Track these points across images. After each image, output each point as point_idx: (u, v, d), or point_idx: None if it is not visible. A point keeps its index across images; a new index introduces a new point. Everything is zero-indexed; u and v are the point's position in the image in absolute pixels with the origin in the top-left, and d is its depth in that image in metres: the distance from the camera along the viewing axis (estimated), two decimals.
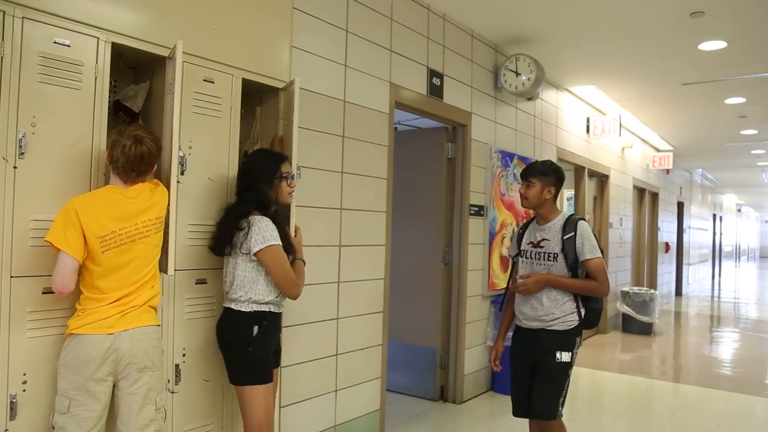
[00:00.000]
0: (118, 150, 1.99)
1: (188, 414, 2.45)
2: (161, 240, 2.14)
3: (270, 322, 2.36)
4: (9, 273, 1.90)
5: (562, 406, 2.70)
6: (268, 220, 2.33)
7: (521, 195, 2.79)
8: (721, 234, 20.31)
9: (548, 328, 2.68)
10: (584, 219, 2.76)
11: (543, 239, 2.74)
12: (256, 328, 2.30)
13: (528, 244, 2.81)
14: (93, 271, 1.96)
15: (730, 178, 15.71)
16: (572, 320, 2.68)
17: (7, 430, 1.90)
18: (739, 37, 4.52)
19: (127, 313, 2.00)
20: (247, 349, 2.30)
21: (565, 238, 2.67)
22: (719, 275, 19.57)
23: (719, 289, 15.62)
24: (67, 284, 1.90)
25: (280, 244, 2.32)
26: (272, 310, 2.37)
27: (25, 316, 1.94)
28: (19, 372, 1.93)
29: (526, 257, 2.80)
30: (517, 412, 2.83)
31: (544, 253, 2.72)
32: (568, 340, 2.67)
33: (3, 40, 1.87)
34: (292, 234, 2.60)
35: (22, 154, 1.91)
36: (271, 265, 2.30)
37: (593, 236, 2.71)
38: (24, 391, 1.94)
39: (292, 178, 2.50)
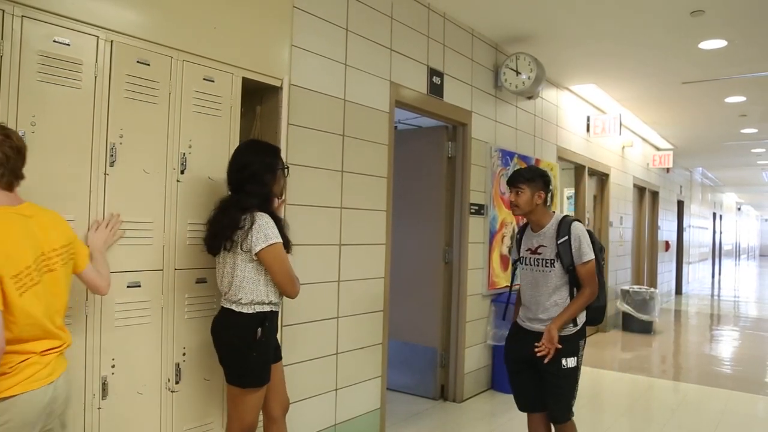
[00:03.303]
0: None
1: (188, 413, 2.45)
2: (66, 276, 1.76)
3: (271, 322, 2.32)
4: None
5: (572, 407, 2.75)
6: (269, 217, 2.25)
7: (511, 203, 2.78)
8: (721, 233, 20.30)
9: None
10: (578, 220, 2.75)
11: (540, 245, 2.74)
12: (259, 331, 2.24)
13: (526, 250, 2.81)
14: (13, 323, 1.56)
15: (730, 177, 15.71)
16: (570, 326, 2.69)
17: None
18: (740, 36, 4.52)
19: (60, 355, 1.72)
20: (251, 353, 2.23)
21: (559, 242, 2.67)
22: (719, 274, 19.57)
23: (719, 288, 15.62)
24: None
25: (282, 242, 2.26)
26: (273, 310, 2.33)
27: None
28: None
29: (525, 264, 2.81)
30: (522, 407, 2.86)
31: (542, 259, 2.73)
32: (572, 345, 2.68)
33: (2, 38, 1.86)
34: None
35: None
36: (272, 264, 2.23)
37: (588, 236, 2.70)
38: None
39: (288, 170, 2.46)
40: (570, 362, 2.66)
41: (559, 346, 2.61)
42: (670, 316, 9.78)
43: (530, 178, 2.74)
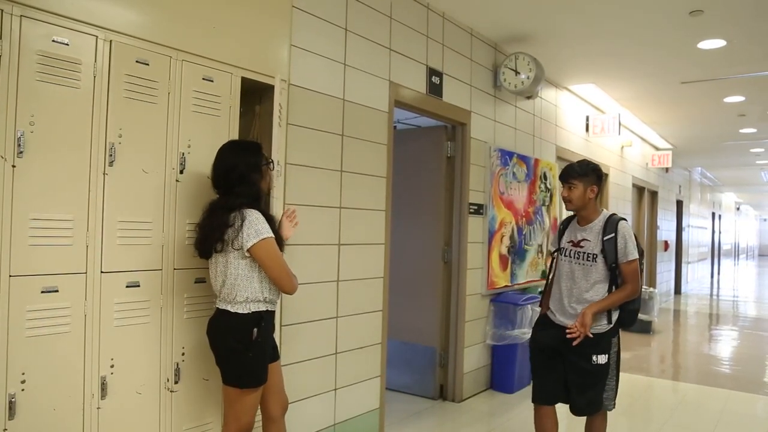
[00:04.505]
0: None
1: (188, 413, 2.45)
2: None
3: (267, 322, 2.30)
4: (8, 272, 1.90)
5: (613, 400, 2.78)
6: (259, 213, 2.24)
7: (564, 198, 2.80)
8: (720, 232, 20.33)
9: None
10: (624, 219, 2.77)
11: (583, 239, 2.76)
12: (255, 331, 2.22)
13: (568, 242, 2.83)
14: None
15: (729, 177, 15.73)
16: (604, 323, 2.70)
17: (5, 429, 1.90)
18: (739, 36, 4.52)
19: None
20: (247, 354, 2.22)
21: (605, 239, 2.68)
22: (718, 273, 19.59)
23: (718, 288, 15.64)
24: None
25: (273, 236, 2.24)
26: (269, 309, 2.31)
27: (24, 315, 1.94)
28: (18, 371, 1.93)
29: (565, 255, 2.82)
30: (536, 396, 2.85)
31: (584, 253, 2.74)
32: (603, 342, 2.69)
33: (1, 38, 1.86)
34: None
35: (21, 153, 1.91)
36: (265, 259, 2.21)
37: (633, 236, 2.72)
38: (23, 390, 1.94)
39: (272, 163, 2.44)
40: (600, 359, 2.67)
41: (590, 335, 2.62)
42: (669, 315, 9.78)
43: (583, 173, 2.75)
